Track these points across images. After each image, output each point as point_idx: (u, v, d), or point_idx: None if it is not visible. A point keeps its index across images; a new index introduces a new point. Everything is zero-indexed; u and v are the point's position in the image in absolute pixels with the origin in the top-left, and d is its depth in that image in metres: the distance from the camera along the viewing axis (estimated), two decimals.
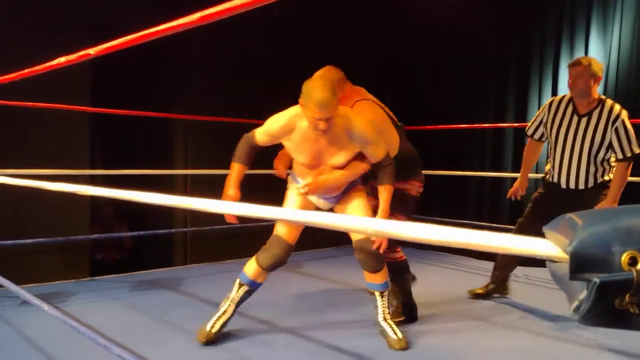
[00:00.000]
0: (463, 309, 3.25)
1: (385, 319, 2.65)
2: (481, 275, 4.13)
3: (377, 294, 2.65)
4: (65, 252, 3.92)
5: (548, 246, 0.66)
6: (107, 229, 4.97)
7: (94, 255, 4.75)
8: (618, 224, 0.57)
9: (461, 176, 5.02)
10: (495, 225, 4.46)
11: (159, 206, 1.40)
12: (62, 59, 1.92)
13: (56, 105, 3.49)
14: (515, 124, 4.83)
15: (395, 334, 2.59)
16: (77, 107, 3.72)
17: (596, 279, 0.55)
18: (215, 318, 2.63)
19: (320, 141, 2.46)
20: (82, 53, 1.78)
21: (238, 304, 2.67)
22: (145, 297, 3.41)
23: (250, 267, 2.64)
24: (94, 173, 4.27)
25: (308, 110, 2.31)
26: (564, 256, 0.61)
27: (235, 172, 2.52)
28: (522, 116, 4.85)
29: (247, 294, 2.67)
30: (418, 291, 3.06)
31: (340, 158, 2.51)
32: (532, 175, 4.75)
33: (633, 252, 0.55)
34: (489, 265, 4.38)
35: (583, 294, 0.56)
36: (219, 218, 4.29)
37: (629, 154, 2.92)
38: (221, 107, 4.52)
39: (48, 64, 2.01)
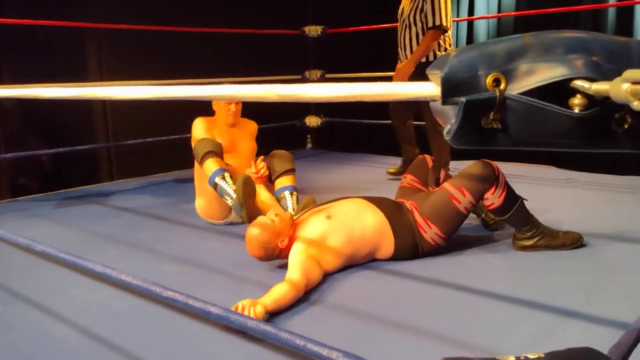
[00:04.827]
0: None
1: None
2: None
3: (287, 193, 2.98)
4: None
5: (430, 86, 0.71)
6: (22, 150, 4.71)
7: (12, 179, 4.53)
8: (484, 50, 0.62)
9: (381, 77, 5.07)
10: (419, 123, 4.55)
11: (79, 123, 1.35)
12: None
13: None
14: None
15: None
16: None
17: (463, 98, 0.61)
18: None
19: (233, 131, 3.17)
20: None
21: None
22: (72, 212, 3.34)
23: None
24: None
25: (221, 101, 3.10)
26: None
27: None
28: None
29: None
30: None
31: (248, 146, 3.22)
32: None
33: (497, 74, 0.61)
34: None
35: (454, 118, 0.62)
36: (142, 131, 4.19)
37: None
38: (138, 14, 4.26)
39: None
